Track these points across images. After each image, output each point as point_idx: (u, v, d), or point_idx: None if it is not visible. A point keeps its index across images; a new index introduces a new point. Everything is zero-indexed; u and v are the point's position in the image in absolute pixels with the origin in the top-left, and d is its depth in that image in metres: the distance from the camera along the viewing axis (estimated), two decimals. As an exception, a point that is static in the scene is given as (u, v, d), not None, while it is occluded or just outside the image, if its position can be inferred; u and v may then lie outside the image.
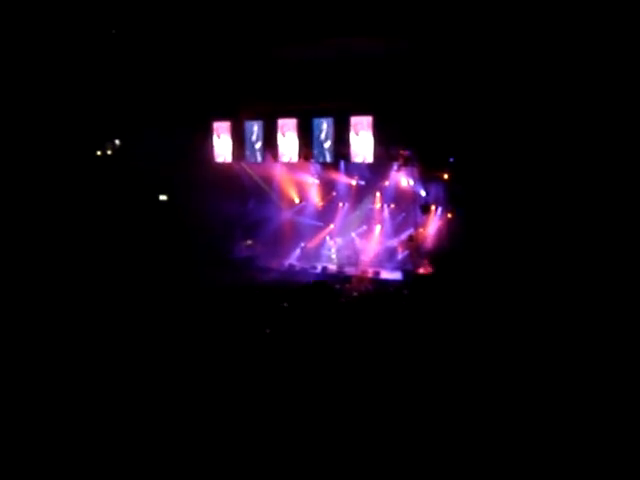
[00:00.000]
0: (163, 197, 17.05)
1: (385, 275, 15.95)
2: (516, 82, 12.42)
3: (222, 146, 16.62)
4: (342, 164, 16.62)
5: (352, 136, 14.76)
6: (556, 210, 12.12)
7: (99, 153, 16.63)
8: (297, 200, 18.26)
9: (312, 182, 17.86)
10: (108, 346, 8.63)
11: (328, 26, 12.70)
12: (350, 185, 17.48)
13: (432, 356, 8.17)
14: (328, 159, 15.63)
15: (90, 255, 13.74)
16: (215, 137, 16.64)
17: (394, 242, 17.16)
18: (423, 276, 14.93)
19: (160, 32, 13.99)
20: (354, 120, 14.74)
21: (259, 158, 16.36)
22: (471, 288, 11.49)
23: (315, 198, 18.10)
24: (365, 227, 17.65)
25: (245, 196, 17.91)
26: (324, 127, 15.16)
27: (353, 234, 17.76)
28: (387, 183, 16.75)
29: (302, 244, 18.01)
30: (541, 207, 12.36)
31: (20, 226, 13.23)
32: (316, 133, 15.27)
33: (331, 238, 17.98)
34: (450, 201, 15.18)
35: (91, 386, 7.22)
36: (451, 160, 14.53)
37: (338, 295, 12.98)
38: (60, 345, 8.56)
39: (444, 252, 14.83)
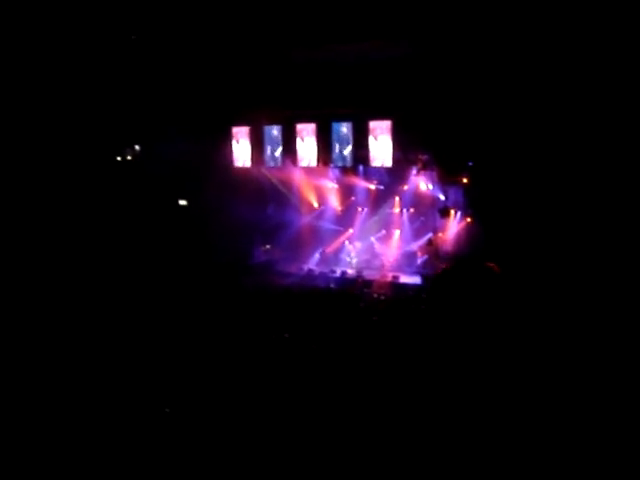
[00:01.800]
0: (183, 202, 17.17)
1: (404, 279, 15.88)
2: (536, 87, 12.32)
3: (241, 151, 16.68)
4: (361, 168, 16.63)
5: (371, 140, 14.73)
6: (577, 214, 11.98)
7: (119, 159, 16.82)
8: (316, 205, 18.28)
9: (331, 187, 17.87)
10: (124, 348, 8.70)
11: (344, 30, 12.71)
12: (369, 189, 17.46)
13: (451, 360, 8.12)
14: (347, 164, 15.62)
15: (111, 260, 13.86)
16: (234, 142, 16.72)
17: (413, 246, 17.12)
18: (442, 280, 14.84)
19: (179, 38, 14.10)
20: (373, 124, 14.71)
21: (278, 163, 16.39)
22: (490, 292, 11.39)
23: (334, 203, 18.12)
24: (384, 231, 17.62)
25: (264, 201, 17.95)
26: (343, 132, 15.15)
27: (372, 238, 17.74)
28: (406, 187, 16.70)
29: (321, 249, 18.02)
30: (561, 211, 12.23)
31: (41, 231, 13.39)
32: (335, 138, 15.27)
33: (350, 243, 17.97)
34: (469, 205, 15.09)
35: (107, 385, 7.30)
36: (470, 164, 14.45)
37: (358, 299, 12.96)
38: (77, 345, 8.67)
39: (463, 256, 14.74)
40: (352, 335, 9.72)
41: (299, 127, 15.72)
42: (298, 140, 15.75)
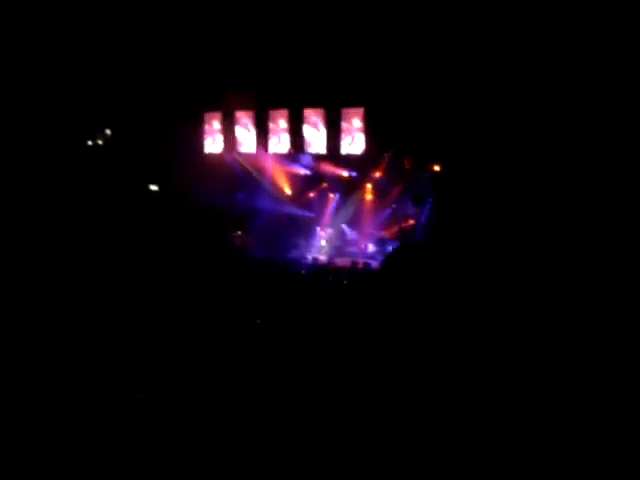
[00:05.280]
0: (154, 187, 17.01)
1: (376, 266, 15.99)
2: (508, 76, 12.46)
3: (213, 137, 16.59)
4: (333, 155, 16.65)
5: (343, 127, 14.77)
6: (550, 205, 12.14)
7: (90, 143, 16.57)
8: (288, 191, 18.26)
9: (303, 173, 17.86)
10: (100, 340, 8.64)
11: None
12: (341, 176, 17.49)
13: (420, 347, 8.24)
14: (319, 150, 15.64)
15: (81, 247, 13.68)
16: (206, 128, 16.61)
17: (384, 234, 17.25)
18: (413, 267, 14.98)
19: (150, 21, 13.93)
20: (345, 111, 14.75)
21: (250, 149, 16.34)
22: (459, 280, 11.54)
23: (306, 189, 18.12)
24: (356, 218, 17.70)
25: (236, 187, 17.87)
26: (315, 118, 15.16)
27: (344, 225, 17.82)
28: (378, 174, 16.79)
29: (293, 235, 18.03)
30: (533, 200, 12.39)
31: (8, 221, 13.14)
32: (307, 124, 15.27)
33: (322, 229, 18.03)
34: (441, 193, 15.24)
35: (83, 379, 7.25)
36: (443, 152, 14.58)
37: (329, 286, 13.04)
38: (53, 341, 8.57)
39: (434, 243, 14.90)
40: (323, 321, 9.80)
41: (271, 113, 15.68)
42: (270, 126, 15.72)
